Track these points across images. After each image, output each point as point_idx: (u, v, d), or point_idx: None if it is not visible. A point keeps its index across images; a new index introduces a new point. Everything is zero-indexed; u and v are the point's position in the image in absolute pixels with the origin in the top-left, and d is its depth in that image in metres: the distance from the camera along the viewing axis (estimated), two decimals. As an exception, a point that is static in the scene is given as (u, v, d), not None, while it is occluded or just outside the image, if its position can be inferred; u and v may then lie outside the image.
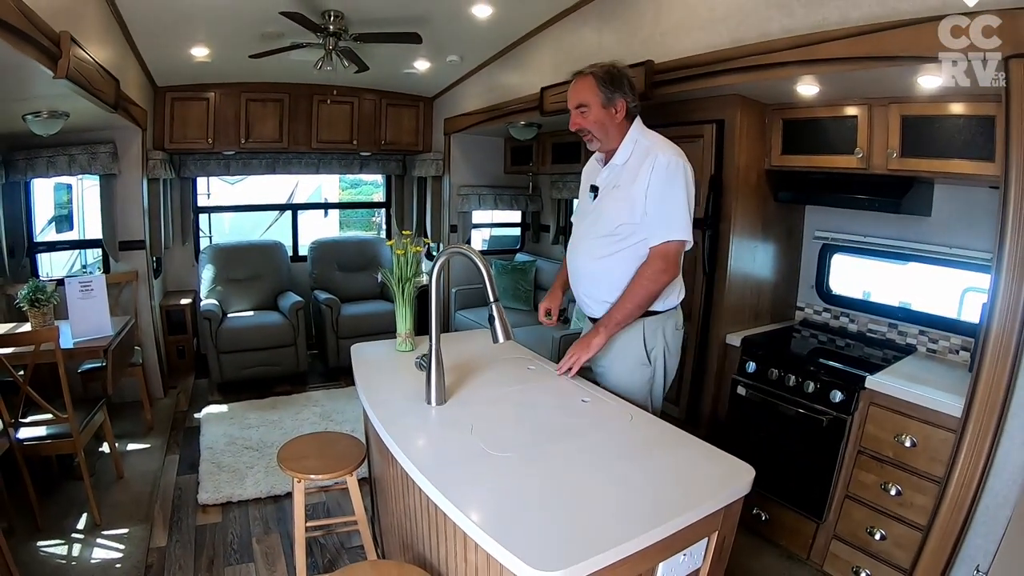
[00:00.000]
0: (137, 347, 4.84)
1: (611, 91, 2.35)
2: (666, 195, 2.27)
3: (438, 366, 2.08)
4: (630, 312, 2.35)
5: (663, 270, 2.31)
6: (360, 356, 2.72)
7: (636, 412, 2.06)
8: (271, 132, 5.78)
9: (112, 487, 3.77)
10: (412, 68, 5.31)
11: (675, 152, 2.31)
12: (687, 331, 3.44)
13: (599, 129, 2.40)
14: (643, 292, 2.33)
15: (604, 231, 2.41)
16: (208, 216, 6.79)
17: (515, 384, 2.38)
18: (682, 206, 2.28)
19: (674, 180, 2.27)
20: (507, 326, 2.02)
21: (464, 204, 6.17)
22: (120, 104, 3.93)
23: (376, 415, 2.05)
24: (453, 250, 2.08)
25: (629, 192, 2.33)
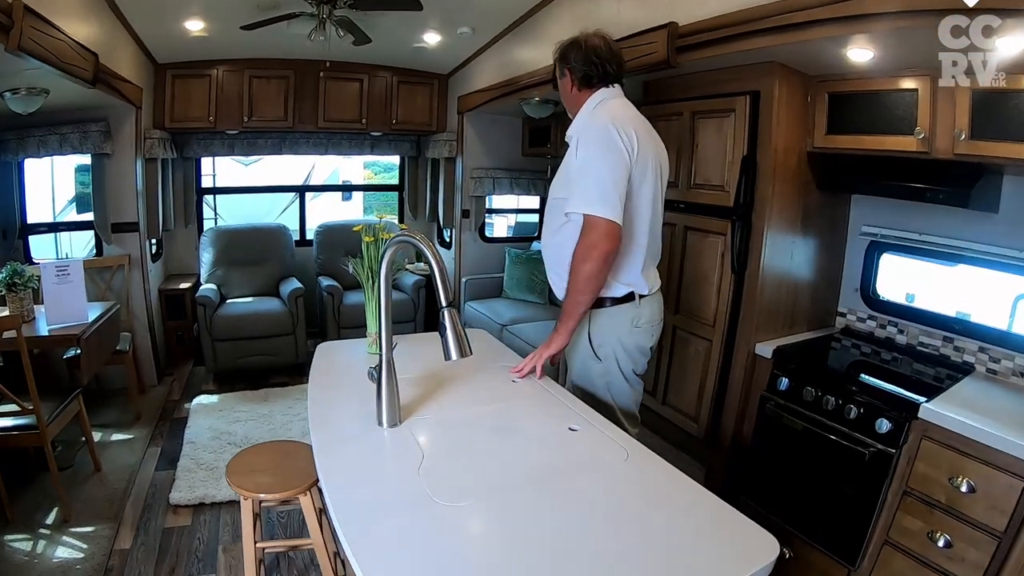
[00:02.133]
0: (127, 333, 4.66)
1: (560, 63, 2.33)
2: (583, 163, 2.12)
3: (390, 380, 1.74)
4: (576, 300, 2.17)
5: (590, 245, 2.08)
6: (323, 359, 2.41)
7: (633, 448, 1.68)
8: (275, 111, 5.53)
9: (88, 480, 3.62)
10: (422, 42, 5.01)
11: (606, 116, 2.16)
12: (709, 338, 3.12)
13: (562, 98, 2.41)
14: (577, 274, 2.13)
15: (552, 206, 2.32)
16: (214, 198, 6.55)
17: (492, 401, 2.01)
18: (595, 174, 2.08)
19: (593, 144, 2.11)
20: (462, 339, 1.69)
21: (477, 188, 5.83)
22: (102, 80, 3.76)
23: (315, 437, 1.73)
24: (401, 238, 1.73)
25: (566, 163, 2.24)
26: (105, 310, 3.87)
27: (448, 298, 1.66)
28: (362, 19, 4.18)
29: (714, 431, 3.16)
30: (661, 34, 2.90)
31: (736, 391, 3.04)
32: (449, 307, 1.68)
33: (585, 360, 2.33)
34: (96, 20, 3.70)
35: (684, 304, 3.27)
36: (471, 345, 1.72)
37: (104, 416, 4.46)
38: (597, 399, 2.32)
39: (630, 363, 2.33)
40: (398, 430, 1.75)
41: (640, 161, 2.13)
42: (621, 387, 2.35)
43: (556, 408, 1.96)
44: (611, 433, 1.77)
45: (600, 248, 2.07)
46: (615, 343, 2.28)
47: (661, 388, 3.44)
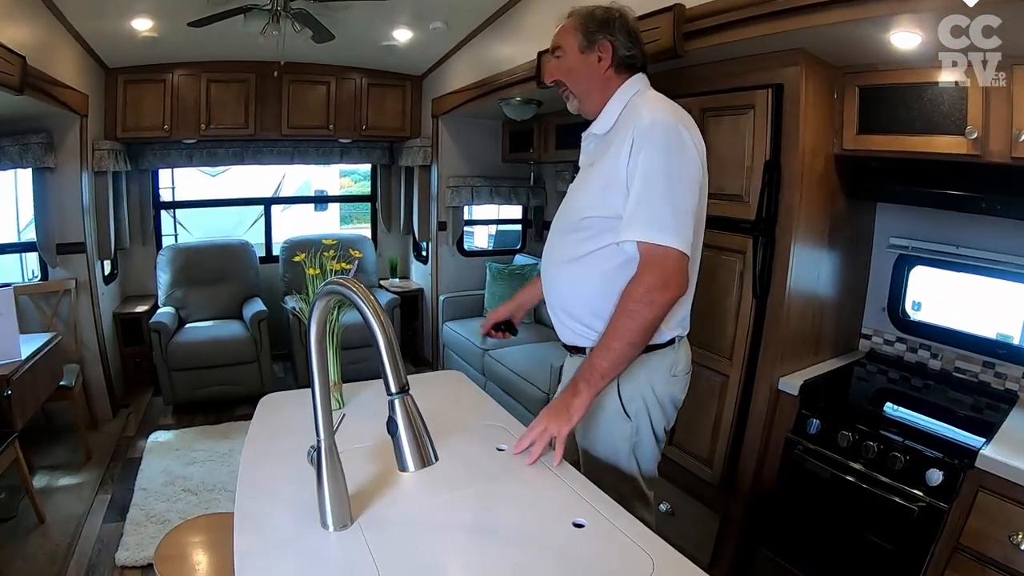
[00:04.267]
0: (74, 365, 4.23)
1: (593, 31, 1.78)
2: (650, 172, 1.61)
3: (333, 473, 1.30)
4: (620, 354, 1.64)
5: (659, 285, 1.60)
6: (263, 421, 1.92)
7: (660, 553, 1.24)
8: (235, 117, 5.14)
9: (30, 534, 3.25)
10: (392, 39, 4.65)
11: (668, 110, 1.68)
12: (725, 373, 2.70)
13: (574, 80, 1.83)
14: (634, 323, 1.62)
15: (568, 225, 1.82)
16: (173, 213, 6.12)
17: (470, 484, 1.53)
18: (678, 193, 1.61)
19: (662, 149, 1.62)
20: (423, 442, 1.17)
21: (454, 197, 5.44)
22: (34, 86, 3.38)
23: (238, 540, 1.30)
24: (330, 288, 1.25)
25: (602, 168, 1.72)
26: (42, 344, 3.48)
27: (400, 381, 1.14)
28: (323, 13, 3.83)
29: (730, 476, 2.77)
30: (665, 18, 2.50)
31: (756, 432, 2.65)
32: (402, 395, 1.15)
33: (611, 421, 1.83)
34: (25, 19, 3.34)
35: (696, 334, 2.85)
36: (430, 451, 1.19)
37: (52, 456, 4.08)
38: (619, 471, 1.87)
39: (663, 419, 1.87)
40: (347, 534, 1.32)
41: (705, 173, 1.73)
42: (648, 449, 1.89)
43: (556, 492, 1.49)
44: (630, 531, 1.33)
45: (672, 290, 1.61)
46: (648, 396, 1.81)
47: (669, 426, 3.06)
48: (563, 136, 4.69)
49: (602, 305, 1.73)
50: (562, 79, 1.84)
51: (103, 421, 4.59)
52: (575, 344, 1.88)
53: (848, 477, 2.26)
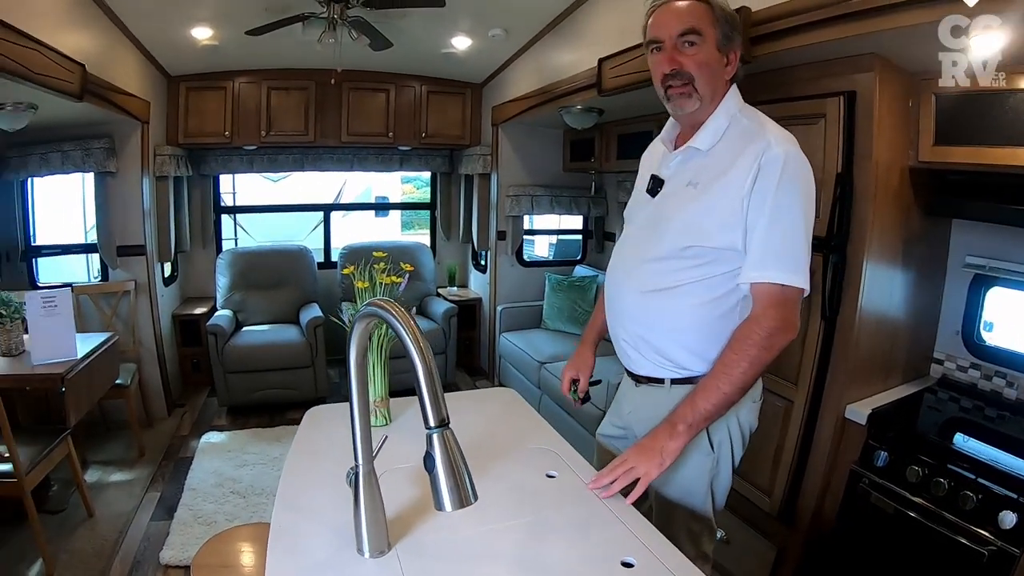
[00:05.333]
0: (130, 364, 4.32)
1: (730, 29, 1.58)
2: (781, 210, 1.48)
3: (372, 499, 1.24)
4: (728, 398, 1.52)
5: (780, 328, 1.50)
6: (307, 433, 1.87)
7: None
8: (295, 124, 5.19)
9: (79, 528, 3.31)
10: (451, 47, 4.61)
11: (794, 143, 1.54)
12: (790, 398, 2.54)
13: (706, 78, 1.58)
14: (750, 367, 1.51)
15: (663, 251, 1.63)
16: (234, 217, 6.22)
17: (516, 513, 1.43)
18: (803, 232, 1.51)
19: (794, 188, 1.49)
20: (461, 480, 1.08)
21: (514, 207, 5.35)
22: (94, 93, 3.46)
23: (272, 560, 1.25)
24: (370, 311, 1.17)
25: (713, 194, 1.55)
26: (99, 343, 3.55)
27: (439, 415, 1.07)
28: (381, 21, 3.81)
29: (790, 507, 2.60)
30: (730, 22, 2.39)
31: (820, 462, 2.49)
32: (441, 429, 1.07)
33: (693, 455, 1.65)
34: (86, 28, 3.42)
35: None
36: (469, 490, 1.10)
37: (106, 452, 4.17)
38: (693, 507, 1.71)
39: (741, 448, 1.74)
40: (383, 560, 1.25)
41: None
42: (725, 482, 1.75)
43: (605, 527, 1.38)
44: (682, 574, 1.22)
45: (791, 333, 1.52)
46: (733, 425, 1.69)
47: None
48: (625, 145, 4.56)
49: (692, 338, 1.63)
50: (694, 73, 1.57)
51: (158, 420, 4.67)
52: (650, 375, 1.73)
53: (914, 514, 2.09)
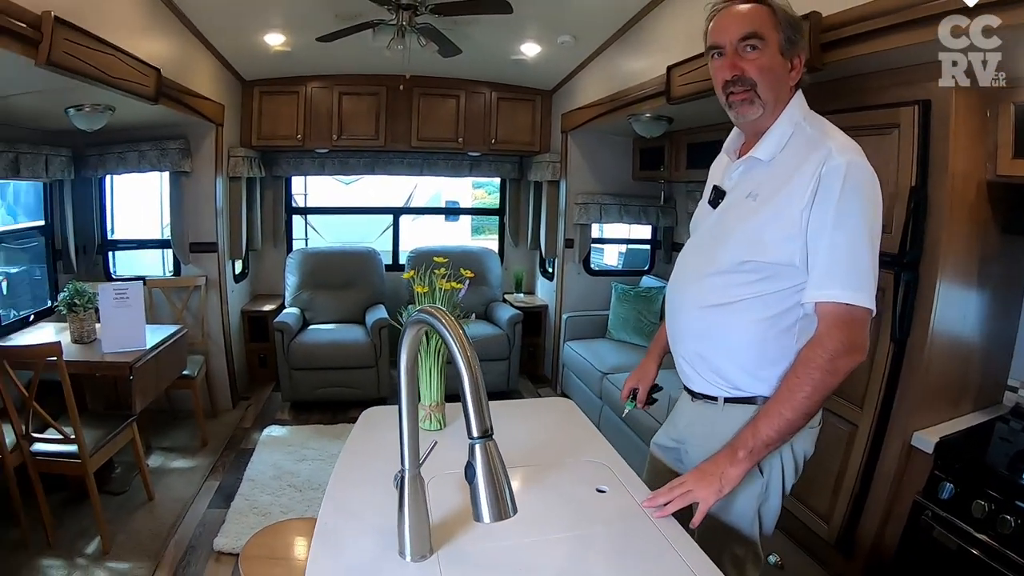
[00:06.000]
0: (199, 356, 4.47)
1: (794, 33, 1.51)
2: (845, 223, 1.40)
3: (416, 504, 1.23)
4: (791, 424, 1.44)
5: (844, 350, 1.41)
6: (362, 433, 1.88)
7: None
8: (366, 128, 5.28)
9: (138, 510, 3.46)
10: (520, 54, 4.61)
11: (858, 149, 1.45)
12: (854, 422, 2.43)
13: (769, 83, 1.51)
14: (815, 392, 1.43)
15: (722, 264, 1.57)
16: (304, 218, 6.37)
17: (564, 526, 1.39)
18: (868, 247, 1.41)
19: (857, 200, 1.40)
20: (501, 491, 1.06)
21: (582, 215, 5.30)
22: (169, 96, 3.61)
23: (312, 559, 1.26)
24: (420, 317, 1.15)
25: (775, 207, 1.48)
26: (168, 335, 3.70)
27: (483, 425, 1.05)
28: (450, 28, 3.84)
29: (849, 536, 2.47)
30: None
31: (883, 491, 2.35)
32: (484, 440, 1.05)
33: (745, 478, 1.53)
34: (162, 34, 3.56)
35: None
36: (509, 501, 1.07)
37: (170, 439, 4.33)
38: (739, 532, 1.65)
39: (794, 474, 1.65)
40: (425, 566, 1.24)
41: None
42: (774, 508, 1.66)
43: (653, 546, 1.33)
44: None
45: (857, 356, 1.43)
46: (785, 451, 1.59)
47: None
48: (695, 155, 4.49)
49: (747, 357, 1.58)
50: (756, 79, 1.51)
51: (223, 411, 4.82)
52: (705, 392, 1.68)
53: (977, 552, 1.96)
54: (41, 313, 4.10)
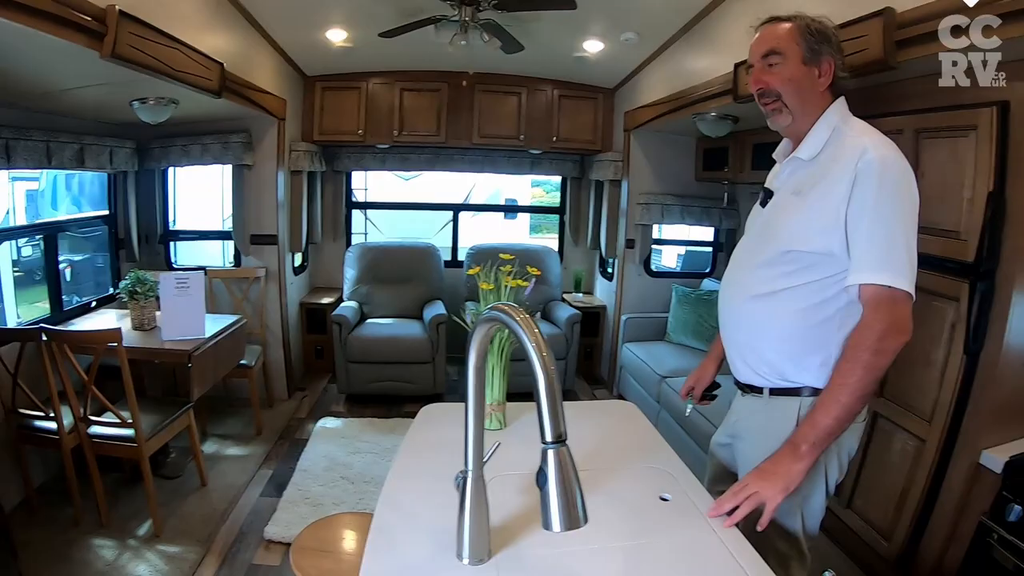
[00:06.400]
0: (256, 346, 4.54)
1: (817, 42, 1.62)
2: (882, 212, 1.48)
3: (477, 506, 1.21)
4: (848, 409, 1.48)
5: (889, 330, 1.46)
6: (420, 431, 1.88)
7: None
8: (427, 125, 5.28)
9: (191, 495, 3.53)
10: (583, 51, 4.55)
11: (891, 144, 1.55)
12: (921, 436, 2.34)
13: (793, 92, 1.64)
14: (867, 373, 1.47)
15: (768, 256, 1.66)
16: (364, 212, 6.43)
17: (625, 534, 1.36)
18: (904, 235, 1.49)
19: (893, 192, 1.49)
20: (572, 500, 1.02)
21: (644, 215, 5.20)
22: (231, 90, 3.67)
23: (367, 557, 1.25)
24: (493, 315, 1.12)
25: (815, 200, 1.57)
26: (227, 325, 3.76)
27: (557, 430, 1.01)
28: (513, 24, 3.80)
29: (909, 554, 2.37)
30: (873, 25, 2.18)
31: (948, 510, 2.24)
32: (558, 445, 1.01)
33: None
34: (225, 30, 3.62)
35: (892, 387, 2.49)
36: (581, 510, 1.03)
37: (225, 426, 4.41)
38: (781, 527, 1.67)
39: (838, 471, 1.68)
40: (482, 569, 1.23)
41: None
42: (818, 505, 1.69)
43: (715, 557, 1.30)
44: None
45: (904, 335, 1.48)
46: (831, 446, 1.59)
47: (848, 487, 2.66)
48: (760, 155, 4.33)
49: (791, 345, 1.63)
50: (779, 89, 1.65)
51: (278, 401, 4.89)
52: (751, 383, 1.74)
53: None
54: (103, 300, 4.22)
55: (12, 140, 3.17)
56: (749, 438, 1.76)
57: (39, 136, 3.35)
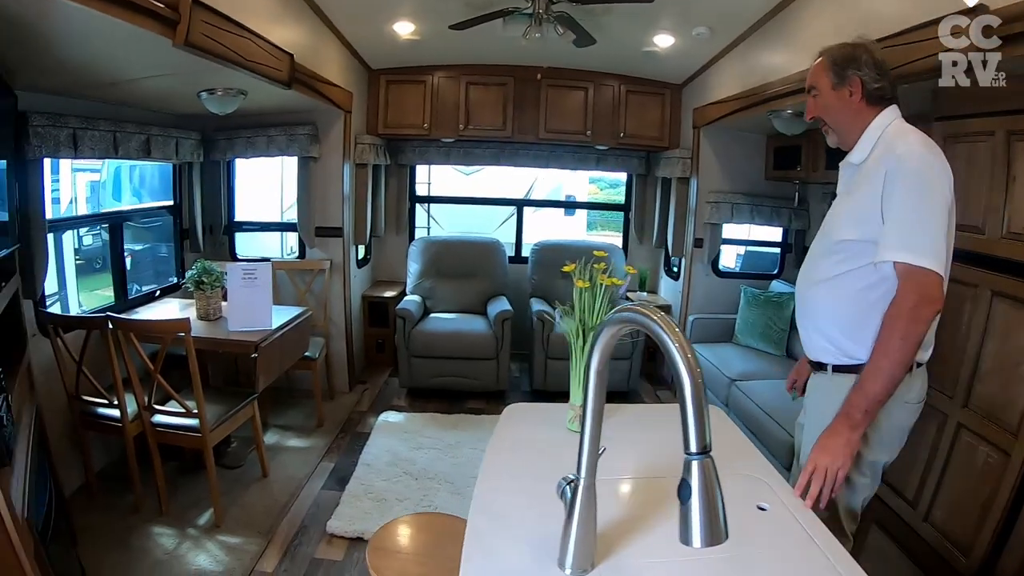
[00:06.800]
0: (320, 338, 4.56)
1: (842, 68, 1.86)
2: (907, 201, 1.69)
3: (586, 515, 1.16)
4: (890, 373, 1.67)
5: (921, 300, 1.65)
6: (507, 430, 1.85)
7: None
8: (494, 119, 5.25)
9: (252, 486, 3.54)
10: (652, 46, 4.44)
11: (923, 144, 1.73)
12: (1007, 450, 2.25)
13: (830, 115, 1.92)
14: (903, 340, 1.66)
15: (825, 246, 1.92)
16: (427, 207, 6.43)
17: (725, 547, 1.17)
18: (932, 218, 1.66)
19: (918, 182, 1.69)
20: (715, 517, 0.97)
21: (714, 214, 5.08)
22: (301, 82, 3.67)
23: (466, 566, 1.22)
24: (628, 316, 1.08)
25: (859, 197, 1.81)
26: (293, 317, 3.76)
27: (703, 440, 0.97)
28: (584, 18, 3.73)
29: (987, 569, 2.27)
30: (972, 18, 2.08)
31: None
32: (703, 456, 0.97)
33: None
34: (294, 22, 3.63)
35: (978, 397, 2.45)
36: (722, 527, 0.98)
37: (287, 417, 4.44)
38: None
39: (883, 451, 1.86)
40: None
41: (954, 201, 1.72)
42: (860, 481, 1.86)
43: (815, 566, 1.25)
44: None
45: (935, 304, 1.66)
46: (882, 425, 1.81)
47: (926, 499, 2.62)
48: (834, 155, 4.04)
49: (850, 323, 1.82)
50: (820, 116, 1.93)
51: (340, 393, 4.90)
52: (819, 360, 1.94)
53: None
54: (167, 289, 4.28)
55: (80, 130, 3.19)
56: (813, 413, 1.96)
57: (106, 126, 3.37)
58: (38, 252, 3.05)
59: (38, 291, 3.09)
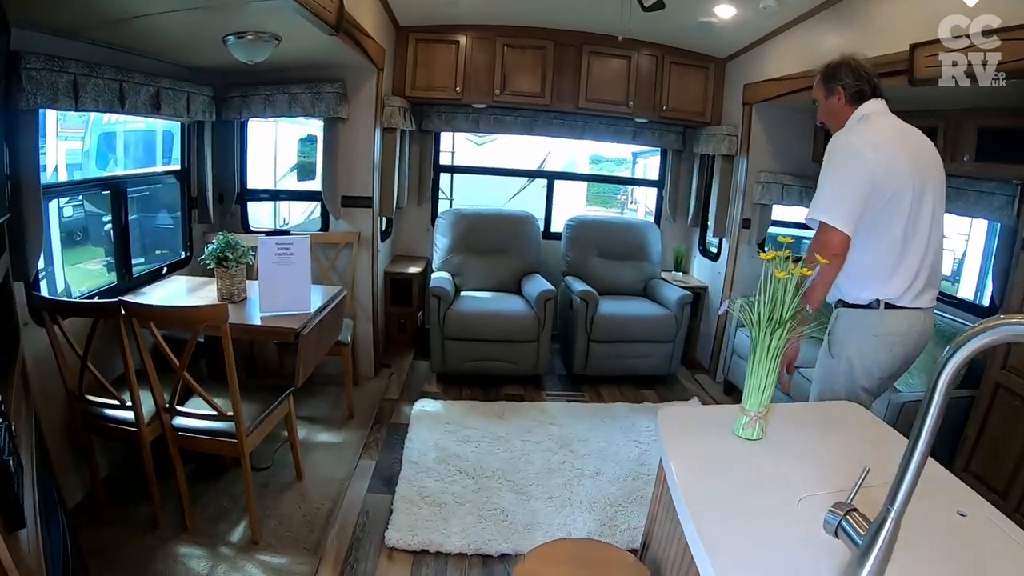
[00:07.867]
0: (349, 320, 4.12)
1: (830, 82, 2.38)
2: (823, 173, 2.24)
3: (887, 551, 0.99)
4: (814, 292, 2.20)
5: (818, 248, 2.18)
6: (679, 439, 1.67)
7: None
8: (531, 85, 4.84)
9: (287, 491, 3.12)
10: (711, 16, 4.10)
11: (847, 132, 2.27)
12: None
13: (829, 119, 2.45)
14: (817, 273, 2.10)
15: None
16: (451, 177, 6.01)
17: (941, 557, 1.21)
18: (828, 183, 2.21)
19: (830, 159, 2.22)
20: None
21: (764, 194, 4.76)
22: (346, 30, 3.20)
23: None
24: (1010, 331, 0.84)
25: None
26: (330, 298, 3.32)
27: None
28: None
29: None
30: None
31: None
32: None
33: (822, 356, 2.48)
34: None
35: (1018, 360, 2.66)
36: None
37: (311, 407, 4.02)
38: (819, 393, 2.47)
39: (862, 373, 2.33)
40: None
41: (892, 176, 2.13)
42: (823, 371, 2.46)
43: None
44: None
45: (829, 249, 2.16)
46: (850, 346, 2.34)
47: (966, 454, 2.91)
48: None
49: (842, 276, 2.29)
50: (824, 120, 2.49)
51: (365, 379, 4.52)
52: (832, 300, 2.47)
53: None
54: (173, 265, 3.84)
55: (81, 77, 2.65)
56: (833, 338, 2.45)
57: (111, 75, 2.85)
58: (32, 224, 2.49)
59: (31, 271, 2.55)
